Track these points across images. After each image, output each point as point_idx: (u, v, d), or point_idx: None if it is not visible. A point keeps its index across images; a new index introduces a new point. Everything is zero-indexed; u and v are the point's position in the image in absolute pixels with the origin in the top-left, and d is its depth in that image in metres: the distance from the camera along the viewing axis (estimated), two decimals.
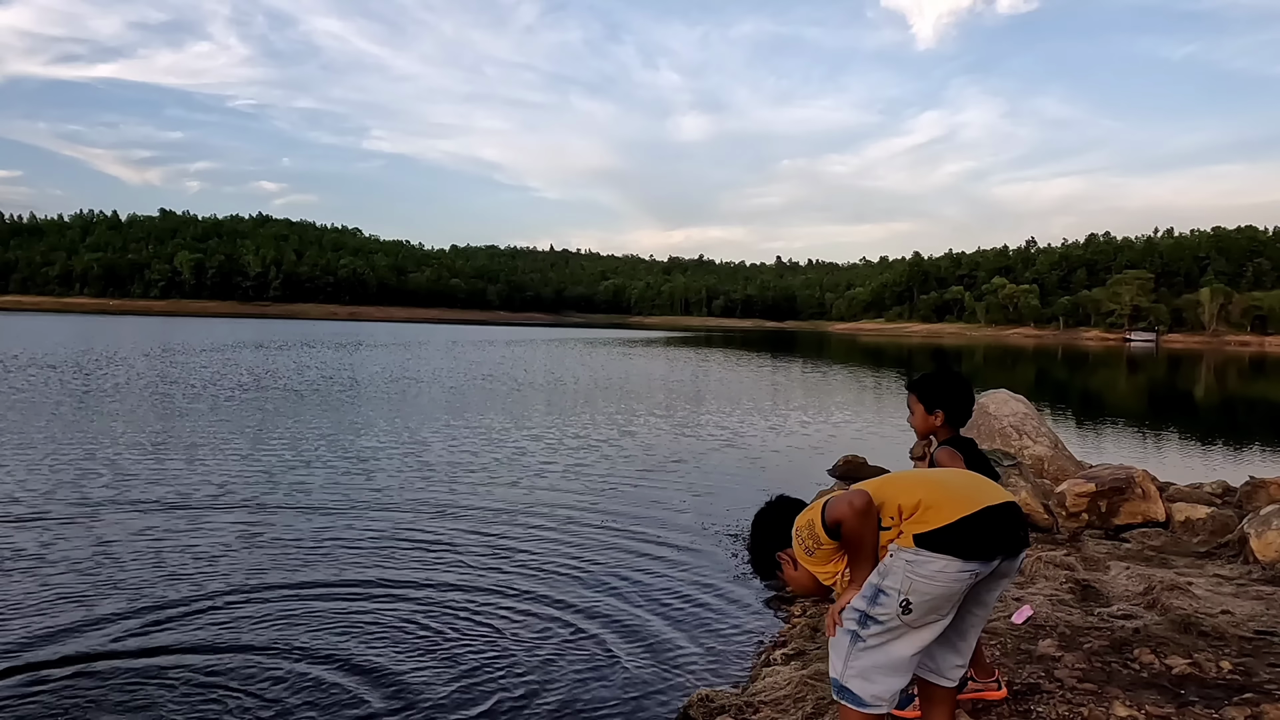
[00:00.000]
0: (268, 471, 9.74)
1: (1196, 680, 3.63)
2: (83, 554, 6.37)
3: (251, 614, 5.29)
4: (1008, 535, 2.36)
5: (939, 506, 2.33)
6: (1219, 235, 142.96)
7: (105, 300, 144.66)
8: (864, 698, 2.37)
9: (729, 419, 16.59)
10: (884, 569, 2.36)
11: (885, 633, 2.35)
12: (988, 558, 2.33)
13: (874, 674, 2.37)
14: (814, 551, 2.46)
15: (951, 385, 3.33)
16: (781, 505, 2.70)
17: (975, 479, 2.48)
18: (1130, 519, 6.55)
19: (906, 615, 2.32)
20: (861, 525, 2.35)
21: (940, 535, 2.29)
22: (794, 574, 2.62)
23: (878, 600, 2.35)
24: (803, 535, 2.49)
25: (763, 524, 2.69)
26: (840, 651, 2.44)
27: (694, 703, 3.98)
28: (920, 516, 2.33)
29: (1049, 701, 3.42)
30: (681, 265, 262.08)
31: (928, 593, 2.30)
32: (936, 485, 2.43)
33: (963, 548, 2.29)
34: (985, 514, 2.32)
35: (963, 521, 2.30)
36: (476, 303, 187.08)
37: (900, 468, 6.77)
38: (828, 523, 2.38)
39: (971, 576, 2.32)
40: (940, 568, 2.28)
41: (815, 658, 4.36)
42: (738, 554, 7.04)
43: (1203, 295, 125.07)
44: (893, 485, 2.47)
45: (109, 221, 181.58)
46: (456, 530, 7.45)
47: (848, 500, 2.36)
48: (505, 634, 5.09)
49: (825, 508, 2.40)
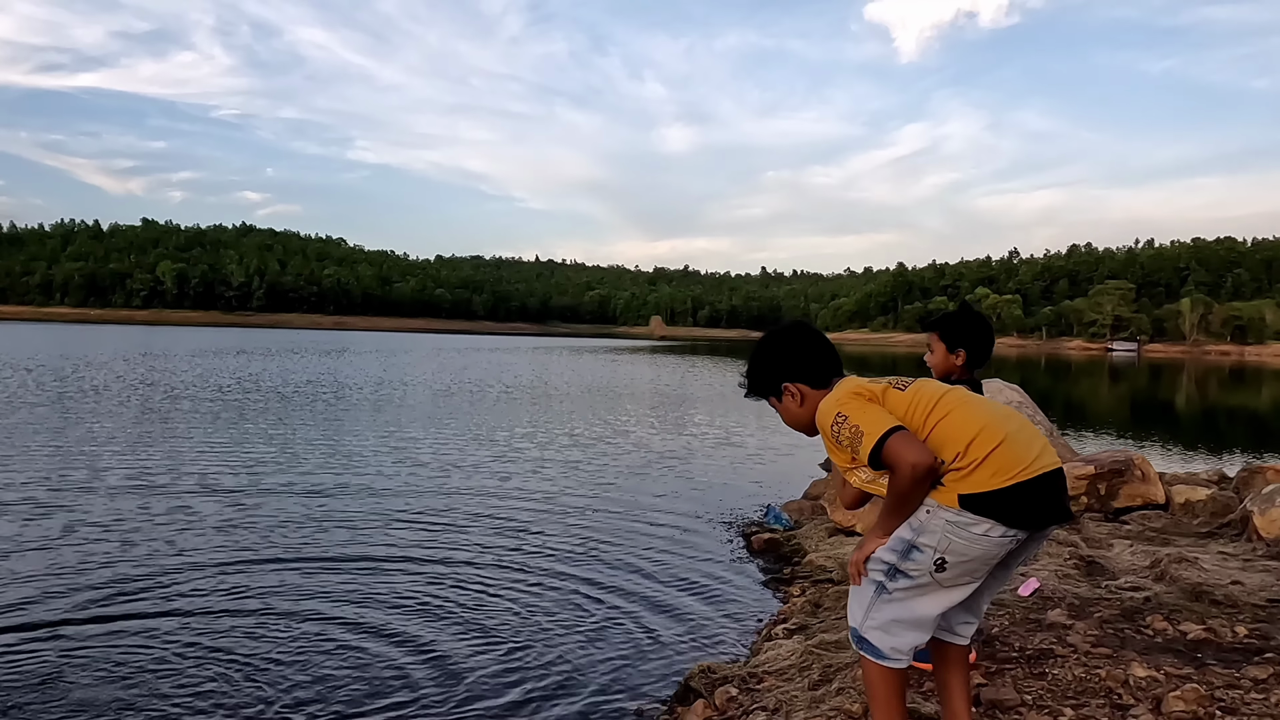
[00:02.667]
0: (295, 458, 9.58)
1: (1213, 645, 3.53)
2: (92, 530, 6.24)
3: (271, 583, 5.43)
4: (1057, 504, 2.13)
5: (993, 462, 2.06)
6: (1199, 246, 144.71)
7: (86, 310, 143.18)
8: (883, 650, 2.21)
9: (721, 419, 16.52)
10: (920, 526, 2.14)
11: (913, 588, 2.17)
12: (1035, 526, 2.12)
13: (895, 628, 2.20)
14: (843, 445, 2.20)
15: (975, 323, 3.20)
16: (808, 334, 2.42)
17: (1031, 429, 2.19)
18: (1130, 501, 6.48)
19: (940, 574, 2.13)
20: (913, 490, 2.11)
21: (989, 498, 2.06)
22: (794, 410, 2.39)
23: (910, 556, 2.15)
24: (841, 425, 2.18)
25: (779, 347, 2.42)
26: (862, 601, 2.26)
27: (695, 674, 3.85)
28: (969, 473, 2.08)
29: (1064, 664, 3.31)
30: (667, 276, 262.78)
31: (966, 554, 2.11)
32: (991, 431, 2.10)
33: (1012, 515, 2.06)
34: (1040, 481, 2.08)
35: (1016, 488, 2.06)
36: (462, 313, 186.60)
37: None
38: (883, 455, 2.09)
39: (1013, 542, 2.12)
40: (984, 531, 2.08)
41: (818, 630, 4.25)
42: (733, 540, 6.96)
43: (1183, 305, 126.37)
44: (947, 422, 2.15)
45: (90, 231, 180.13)
46: (461, 514, 7.50)
47: (913, 460, 2.05)
48: (509, 611, 5.06)
49: (886, 440, 2.08)
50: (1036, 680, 3.19)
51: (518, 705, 3.87)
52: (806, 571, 5.82)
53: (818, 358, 2.40)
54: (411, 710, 3.79)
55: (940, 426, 2.15)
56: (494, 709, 3.83)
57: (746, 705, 3.39)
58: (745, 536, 7.00)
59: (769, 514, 7.63)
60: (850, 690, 3.28)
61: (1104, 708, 2.89)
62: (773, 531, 6.99)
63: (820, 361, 2.39)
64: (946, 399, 2.21)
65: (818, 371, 2.38)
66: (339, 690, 3.95)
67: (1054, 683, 3.15)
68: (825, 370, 2.38)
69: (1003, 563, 2.25)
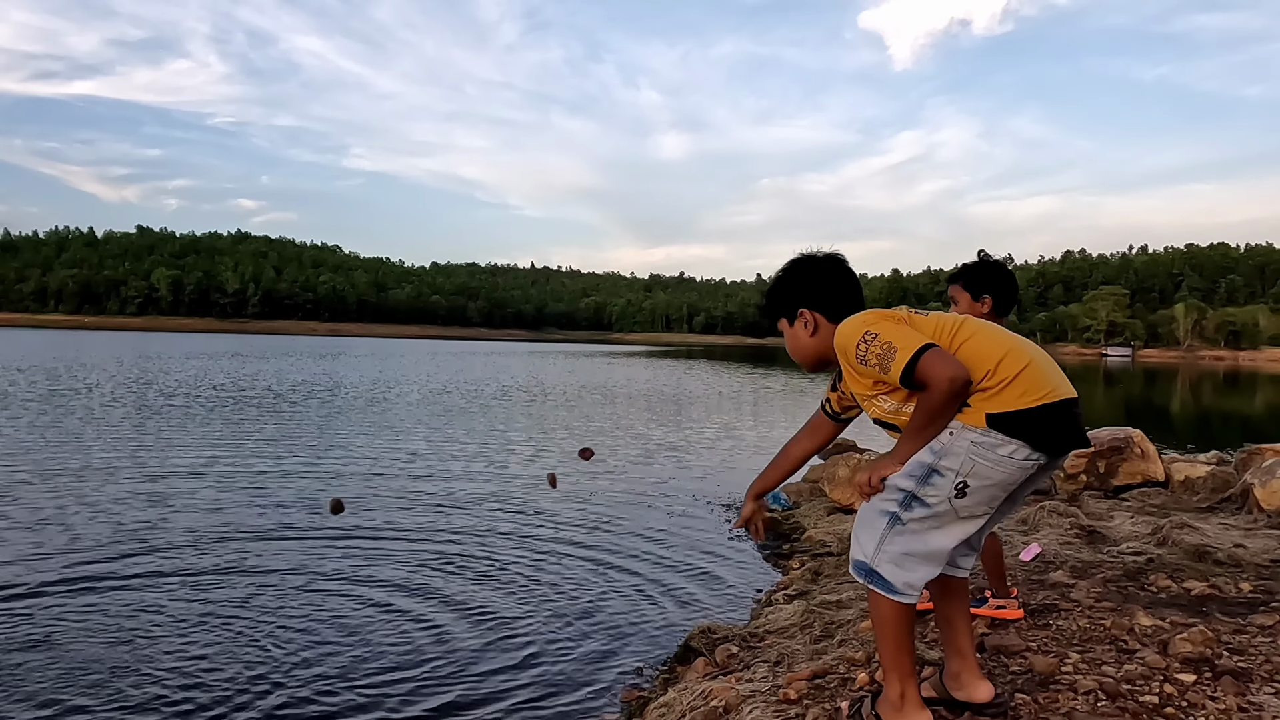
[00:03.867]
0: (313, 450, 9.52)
1: (1217, 599, 3.50)
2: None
3: (273, 557, 5.39)
4: (1078, 430, 2.10)
5: (1021, 383, 2.03)
6: (1192, 252, 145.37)
7: (80, 317, 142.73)
8: (896, 585, 2.11)
9: (720, 415, 16.52)
10: (941, 448, 2.07)
11: (929, 518, 2.10)
12: (1057, 450, 2.09)
13: (908, 561, 2.11)
14: (869, 365, 2.12)
15: (997, 269, 3.15)
16: (839, 266, 2.38)
17: (1050, 359, 2.16)
18: (1129, 479, 6.46)
19: (959, 500, 2.07)
20: (947, 407, 2.04)
21: (1017, 418, 2.01)
22: (803, 338, 2.35)
23: (929, 480, 2.08)
24: (870, 344, 2.11)
25: (807, 271, 2.39)
26: (873, 533, 2.15)
27: (695, 635, 3.82)
28: (998, 392, 2.03)
29: (1068, 616, 3.28)
30: (662, 283, 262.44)
31: (988, 478, 2.05)
32: (1017, 354, 2.07)
33: (1038, 436, 2.02)
34: (1064, 404, 2.06)
35: (1044, 409, 2.02)
36: (457, 320, 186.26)
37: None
38: (915, 374, 2.03)
39: (1034, 467, 2.07)
40: (1009, 453, 2.03)
41: (819, 594, 4.21)
42: (731, 521, 6.94)
43: (1177, 311, 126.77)
44: (973, 342, 2.10)
45: (85, 238, 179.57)
46: (464, 497, 7.52)
47: (950, 374, 1.99)
48: (509, 585, 5.06)
49: (921, 356, 2.02)
50: (1041, 631, 3.15)
51: (514, 669, 3.84)
52: (806, 546, 5.79)
53: (843, 291, 2.35)
54: (422, 671, 3.78)
55: (967, 346, 2.10)
56: (491, 673, 3.80)
57: (748, 660, 3.35)
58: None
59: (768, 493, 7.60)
60: (853, 642, 3.25)
61: (1110, 651, 2.86)
62: (772, 511, 6.94)
63: (845, 295, 2.34)
64: (970, 323, 2.17)
65: (839, 304, 2.32)
66: (340, 655, 3.91)
67: (1059, 632, 3.12)
68: (847, 306, 2.31)
69: (1010, 496, 2.21)
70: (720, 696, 2.86)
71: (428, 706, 3.46)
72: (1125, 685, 2.52)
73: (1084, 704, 2.42)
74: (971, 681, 2.38)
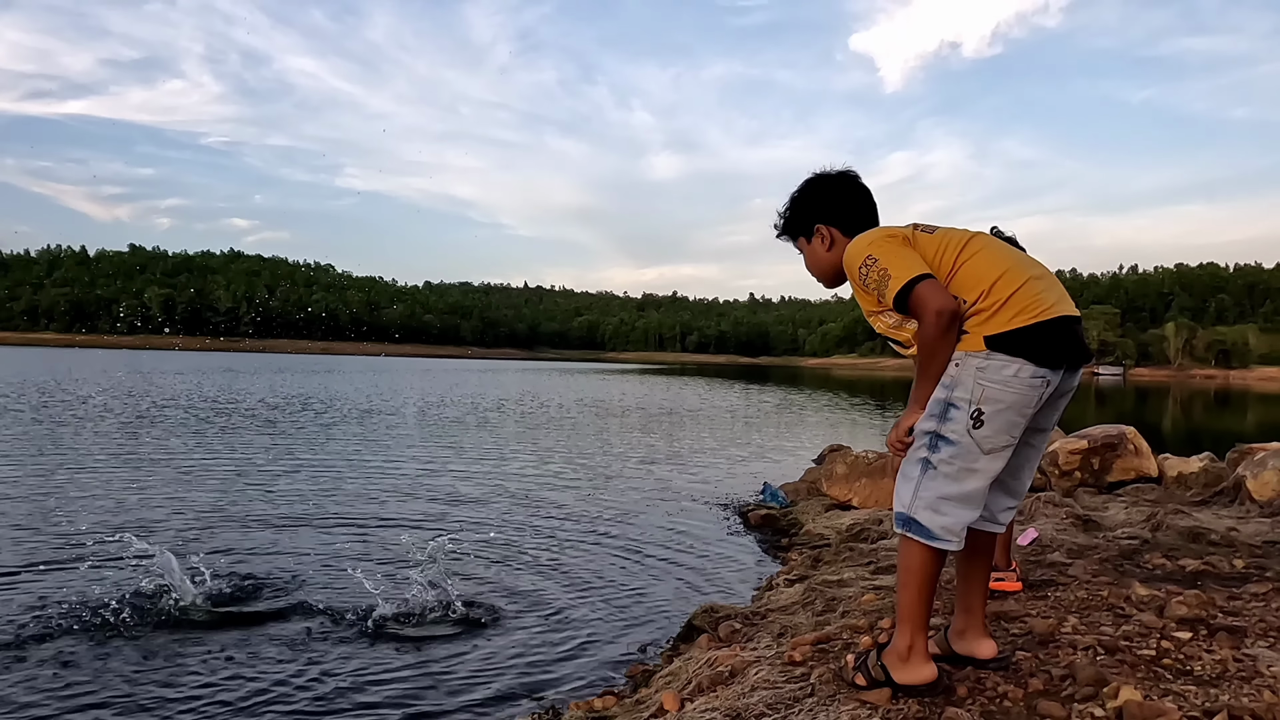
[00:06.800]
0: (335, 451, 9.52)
1: (1212, 575, 3.56)
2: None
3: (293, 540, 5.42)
4: (1080, 344, 2.17)
5: (1016, 302, 2.09)
6: (1182, 272, 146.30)
7: (72, 335, 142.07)
8: (933, 529, 2.13)
9: (717, 428, 16.56)
10: (952, 381, 2.13)
11: (958, 456, 2.13)
12: (1060, 364, 2.13)
13: (944, 505, 2.14)
14: (869, 288, 2.21)
15: (1002, 240, 3.23)
16: (853, 182, 2.43)
17: (1053, 277, 2.21)
18: (1123, 475, 6.53)
19: (979, 430, 2.10)
20: (941, 340, 2.11)
21: (1015, 337, 2.08)
22: (821, 254, 2.41)
23: (948, 415, 2.13)
24: (870, 267, 2.20)
25: (823, 187, 2.44)
26: (910, 482, 2.19)
27: (698, 614, 3.86)
28: (993, 314, 2.09)
29: (1066, 589, 3.34)
30: (655, 302, 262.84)
31: (1001, 401, 2.09)
32: (1014, 274, 2.13)
33: (1038, 352, 2.08)
34: (1062, 321, 2.12)
35: (1040, 326, 2.08)
36: (450, 339, 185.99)
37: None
38: (909, 301, 2.12)
39: (1044, 384, 2.12)
40: (1014, 372, 2.08)
41: (821, 576, 4.26)
42: (730, 519, 7.00)
43: (1168, 330, 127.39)
44: (973, 262, 2.16)
45: (76, 257, 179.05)
46: (474, 494, 7.61)
47: (936, 307, 2.07)
48: (513, 574, 5.12)
49: (914, 286, 2.10)
50: (1039, 601, 3.21)
51: (517, 652, 3.87)
52: (805, 540, 5.83)
53: (858, 206, 2.41)
54: (437, 646, 3.83)
55: (966, 267, 2.16)
56: (491, 652, 3.84)
57: (751, 634, 3.39)
58: (742, 515, 7.03)
59: (766, 492, 7.66)
60: (855, 613, 3.29)
61: (1107, 616, 2.91)
62: (770, 509, 7.00)
63: (859, 211, 2.40)
64: (975, 240, 2.23)
65: (854, 220, 2.38)
66: (354, 629, 3.94)
67: (1057, 602, 3.17)
68: (862, 221, 2.38)
69: (1036, 425, 2.25)
70: (725, 663, 2.90)
71: (431, 684, 3.49)
72: (1124, 642, 2.58)
73: (1084, 658, 2.47)
74: (976, 639, 2.42)
